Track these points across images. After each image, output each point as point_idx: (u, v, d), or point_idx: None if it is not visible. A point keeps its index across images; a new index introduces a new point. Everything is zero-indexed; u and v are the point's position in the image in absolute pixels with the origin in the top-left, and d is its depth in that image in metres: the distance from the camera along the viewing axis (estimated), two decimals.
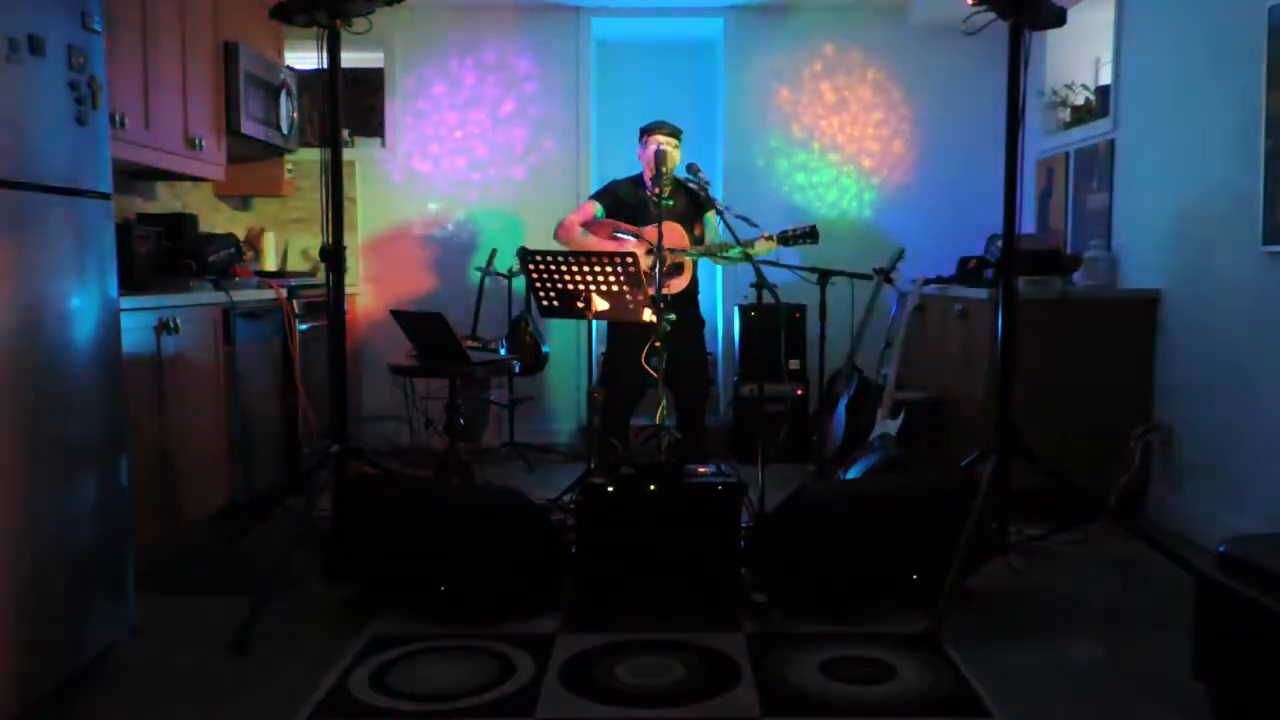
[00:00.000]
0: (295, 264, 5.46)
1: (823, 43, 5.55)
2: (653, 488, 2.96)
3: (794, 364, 5.20)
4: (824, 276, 4.41)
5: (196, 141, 3.98)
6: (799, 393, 5.18)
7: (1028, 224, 5.17)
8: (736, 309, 5.38)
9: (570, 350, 5.52)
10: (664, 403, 3.34)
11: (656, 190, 4.09)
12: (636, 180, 4.30)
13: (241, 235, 5.02)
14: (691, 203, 4.22)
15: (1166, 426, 3.94)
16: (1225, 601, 2.16)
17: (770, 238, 4.13)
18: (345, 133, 5.31)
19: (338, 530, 3.07)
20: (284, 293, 4.15)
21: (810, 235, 4.15)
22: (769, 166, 5.60)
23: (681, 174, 4.15)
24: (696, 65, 5.96)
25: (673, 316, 3.40)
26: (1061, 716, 2.34)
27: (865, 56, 5.56)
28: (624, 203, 4.23)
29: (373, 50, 5.52)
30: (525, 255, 3.47)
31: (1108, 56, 4.53)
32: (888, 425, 4.25)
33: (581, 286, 3.33)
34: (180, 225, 4.00)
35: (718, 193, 4.73)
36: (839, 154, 5.60)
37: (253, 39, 4.43)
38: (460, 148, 5.60)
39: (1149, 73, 4.13)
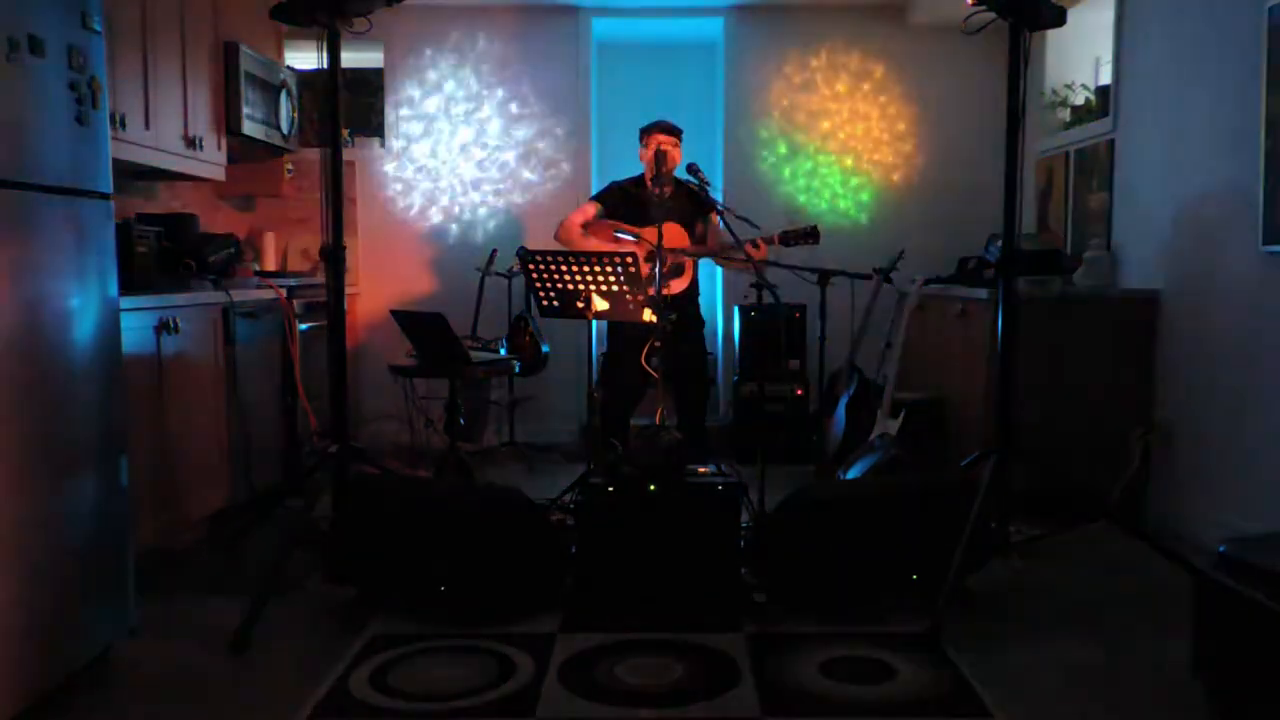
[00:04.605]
0: (295, 264, 5.46)
1: (823, 43, 5.55)
2: (653, 488, 2.96)
3: (794, 364, 5.20)
4: (824, 276, 4.41)
5: (196, 141, 3.99)
6: (799, 393, 5.18)
7: (1027, 224, 5.17)
8: (736, 309, 5.38)
9: (570, 350, 5.51)
10: (664, 403, 3.34)
11: (657, 190, 4.09)
12: (637, 181, 4.29)
13: (242, 235, 5.02)
14: (692, 203, 4.21)
15: (1166, 426, 3.94)
16: (1225, 601, 2.16)
17: (771, 238, 4.14)
18: (345, 133, 5.32)
19: (338, 530, 3.07)
20: (284, 293, 4.16)
21: (811, 235, 4.15)
22: (769, 167, 5.60)
23: (682, 174, 4.15)
24: (696, 65, 5.95)
25: (673, 316, 3.40)
26: (1061, 716, 2.34)
27: (865, 56, 5.56)
28: (624, 203, 4.23)
29: (373, 50, 5.52)
30: (525, 255, 3.47)
31: (1108, 56, 4.53)
32: (888, 425, 4.25)
33: (581, 286, 3.32)
34: (180, 225, 4.00)
35: (718, 193, 4.73)
36: (839, 154, 5.60)
37: (253, 39, 4.43)
38: (460, 147, 5.60)
39: (1149, 73, 4.13)
